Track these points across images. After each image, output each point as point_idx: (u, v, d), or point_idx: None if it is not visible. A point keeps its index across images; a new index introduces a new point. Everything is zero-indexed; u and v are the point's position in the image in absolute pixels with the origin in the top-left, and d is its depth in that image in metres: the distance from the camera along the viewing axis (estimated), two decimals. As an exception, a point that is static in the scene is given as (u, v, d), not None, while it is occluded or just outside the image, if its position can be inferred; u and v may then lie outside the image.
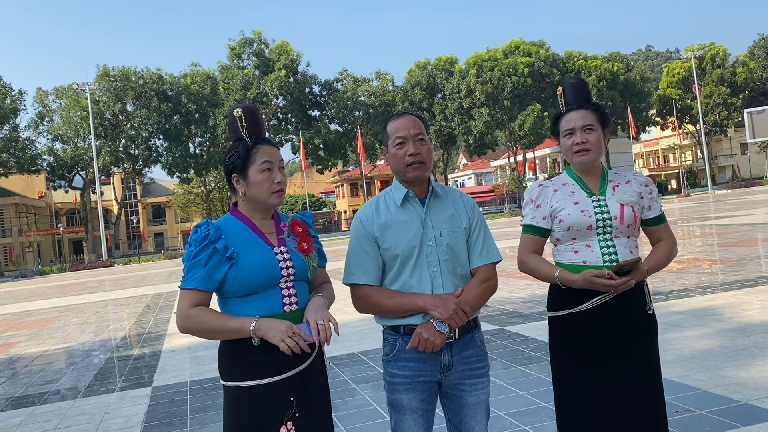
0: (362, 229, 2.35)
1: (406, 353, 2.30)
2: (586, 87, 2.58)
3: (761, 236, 14.16)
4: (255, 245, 2.12)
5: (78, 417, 5.48)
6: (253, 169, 2.14)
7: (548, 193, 2.56)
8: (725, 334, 5.79)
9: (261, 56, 56.13)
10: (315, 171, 63.87)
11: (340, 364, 6.22)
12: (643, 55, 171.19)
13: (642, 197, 2.55)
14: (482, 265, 2.37)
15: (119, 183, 60.20)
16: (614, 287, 2.34)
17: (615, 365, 2.40)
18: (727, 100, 63.40)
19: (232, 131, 2.21)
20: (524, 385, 4.89)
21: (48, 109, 54.22)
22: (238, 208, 2.22)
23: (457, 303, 2.24)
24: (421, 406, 2.32)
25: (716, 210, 26.69)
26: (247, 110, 2.20)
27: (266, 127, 58.05)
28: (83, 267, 41.85)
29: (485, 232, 2.41)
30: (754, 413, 3.80)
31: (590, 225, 2.44)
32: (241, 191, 2.17)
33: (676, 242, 2.63)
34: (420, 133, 2.34)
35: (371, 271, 2.33)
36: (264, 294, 2.10)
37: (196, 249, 2.07)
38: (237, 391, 2.06)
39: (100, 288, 22.20)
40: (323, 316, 2.09)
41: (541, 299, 8.54)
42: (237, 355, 2.07)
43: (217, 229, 2.10)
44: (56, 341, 10.26)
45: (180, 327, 2.09)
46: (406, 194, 2.35)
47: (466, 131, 58.67)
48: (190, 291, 2.07)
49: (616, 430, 2.38)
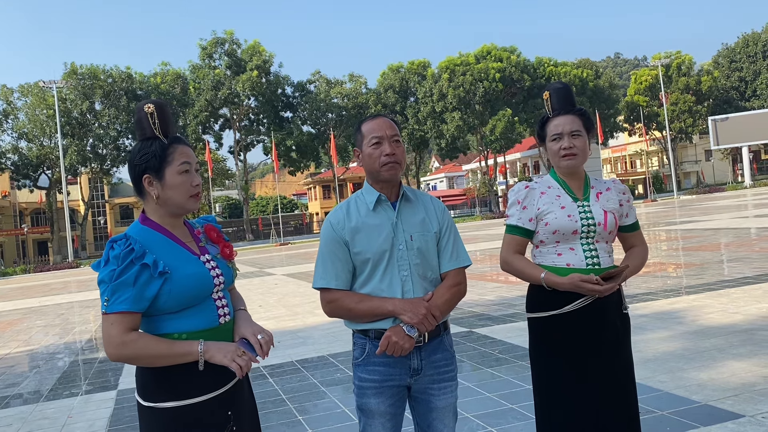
0: (333, 233, 2.34)
1: (375, 357, 2.30)
2: (571, 92, 2.64)
3: (724, 241, 14.51)
4: (182, 256, 1.99)
5: (40, 421, 5.37)
6: (170, 170, 1.98)
7: (535, 195, 2.60)
8: (687, 336, 5.93)
9: (233, 56, 55.64)
10: (287, 173, 63.50)
11: (310, 367, 6.20)
12: (611, 62, 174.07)
13: (621, 205, 2.64)
14: (452, 270, 2.38)
15: (86, 183, 58.95)
16: (601, 292, 2.41)
17: (595, 364, 2.46)
18: (692, 107, 64.83)
19: (141, 129, 2.01)
20: (492, 386, 4.94)
21: (13, 107, 52.91)
22: (148, 216, 2.04)
23: (427, 307, 2.25)
24: (390, 411, 2.33)
25: (681, 215, 27.27)
26: (159, 106, 2.02)
27: (237, 127, 57.76)
28: (48, 268, 40.91)
29: (455, 237, 2.43)
30: (714, 414, 3.90)
31: (576, 230, 2.51)
32: (153, 194, 1.99)
33: (648, 249, 2.73)
34: (396, 135, 2.36)
35: (341, 276, 2.32)
36: (198, 307, 1.98)
37: (120, 267, 1.87)
38: (171, 412, 1.90)
39: (66, 290, 21.74)
40: (259, 330, 2.03)
41: (510, 302, 8.66)
42: (171, 373, 1.91)
43: (141, 243, 1.92)
44: (18, 344, 10.03)
45: (113, 356, 1.88)
46: (378, 197, 2.34)
47: (439, 135, 58.96)
48: (119, 315, 1.86)
49: (596, 429, 2.43)
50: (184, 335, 1.95)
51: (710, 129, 58.90)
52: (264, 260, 25.85)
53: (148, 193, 2.01)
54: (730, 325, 6.21)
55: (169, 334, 1.95)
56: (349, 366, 6.10)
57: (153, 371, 1.93)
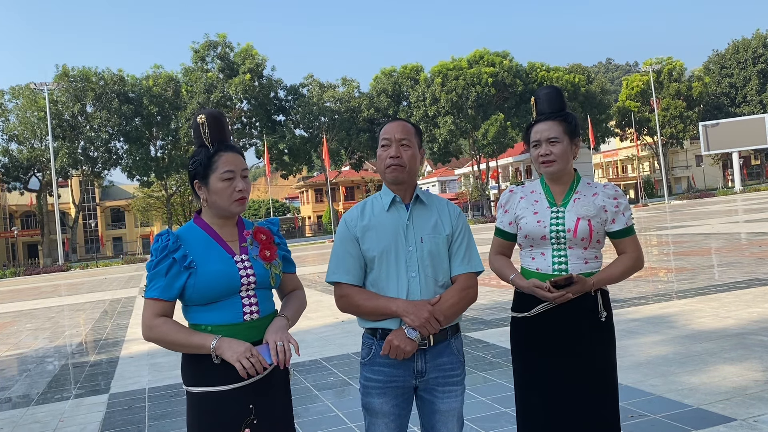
0: (346, 230, 2.39)
1: (380, 358, 2.32)
2: (560, 96, 2.61)
3: (714, 245, 14.61)
4: (214, 254, 2.13)
5: (31, 425, 5.33)
6: (214, 177, 2.13)
7: (515, 200, 2.68)
8: (679, 340, 5.96)
9: (225, 59, 55.59)
10: (279, 176, 63.48)
11: (303, 371, 6.19)
12: (603, 68, 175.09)
13: (606, 210, 2.57)
14: (462, 274, 2.37)
15: (77, 185, 58.66)
16: (551, 299, 2.45)
17: (566, 366, 2.49)
18: (683, 113, 65.32)
19: (196, 137, 2.20)
20: (485, 390, 4.95)
21: (3, 109, 52.63)
22: (201, 216, 2.22)
23: (430, 311, 2.25)
24: (394, 411, 2.34)
25: (672, 220, 27.42)
26: (211, 116, 2.19)
27: (230, 130, 57.59)
28: (38, 271, 40.67)
29: (469, 241, 2.42)
30: (705, 417, 3.93)
31: (544, 235, 2.54)
32: (202, 198, 2.18)
33: (640, 256, 2.61)
34: (405, 138, 2.36)
35: (352, 271, 2.36)
36: (224, 303, 2.11)
37: (157, 259, 2.08)
38: (197, 396, 2.09)
39: (56, 293, 21.61)
40: (283, 337, 2.10)
41: (503, 306, 8.68)
42: (198, 361, 2.08)
43: (177, 238, 2.11)
44: (8, 347, 9.96)
45: (144, 336, 2.11)
46: (393, 198, 2.37)
47: (431, 139, 59.07)
48: (152, 300, 2.09)
49: (570, 428, 2.45)
50: (209, 327, 2.10)
51: (701, 134, 59.37)
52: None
53: (200, 196, 2.18)
54: (721, 329, 6.24)
55: (197, 324, 2.13)
56: (342, 370, 6.10)
57: (187, 360, 2.12)
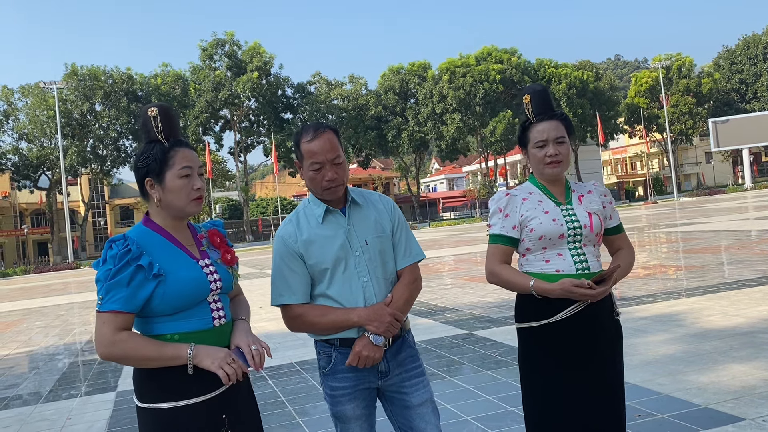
0: (285, 247, 2.33)
1: (343, 365, 2.30)
2: (550, 94, 2.58)
3: (724, 243, 14.50)
4: (180, 260, 1.99)
5: (39, 423, 5.36)
6: (170, 174, 1.98)
7: (517, 202, 2.52)
8: (687, 339, 5.92)
9: (233, 57, 55.72)
10: (287, 174, 63.50)
11: (309, 369, 6.18)
12: (612, 64, 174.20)
13: (604, 207, 2.58)
14: (407, 266, 2.39)
15: (86, 184, 58.94)
16: (594, 296, 2.33)
17: (589, 372, 2.40)
18: (692, 109, 64.90)
19: (145, 132, 2.03)
20: (492, 389, 4.93)
21: (13, 108, 52.99)
22: (151, 218, 2.05)
23: (390, 314, 2.25)
24: (365, 413, 2.37)
25: (681, 217, 27.25)
26: (163, 110, 2.03)
27: (238, 128, 57.78)
28: (48, 269, 40.93)
29: (407, 232, 2.43)
30: (714, 417, 3.89)
31: (562, 234, 2.43)
32: (155, 197, 2.01)
33: (634, 251, 2.67)
34: (336, 157, 2.26)
35: (300, 289, 2.32)
36: (193, 311, 1.98)
37: (116, 267, 1.88)
38: (165, 412, 1.91)
39: (66, 290, 21.74)
40: (254, 341, 2.02)
41: (510, 304, 8.51)
42: (164, 374, 1.92)
43: (138, 244, 1.93)
44: (18, 345, 10.02)
45: (103, 354, 1.89)
46: (326, 209, 2.32)
47: (439, 136, 59.00)
48: (111, 314, 1.87)
49: (578, 428, 2.39)
50: (177, 336, 1.95)
51: (710, 131, 58.95)
52: (264, 261, 25.83)
53: (151, 196, 2.02)
54: (730, 327, 6.19)
55: (161, 335, 1.95)
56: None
57: (147, 372, 1.94)
